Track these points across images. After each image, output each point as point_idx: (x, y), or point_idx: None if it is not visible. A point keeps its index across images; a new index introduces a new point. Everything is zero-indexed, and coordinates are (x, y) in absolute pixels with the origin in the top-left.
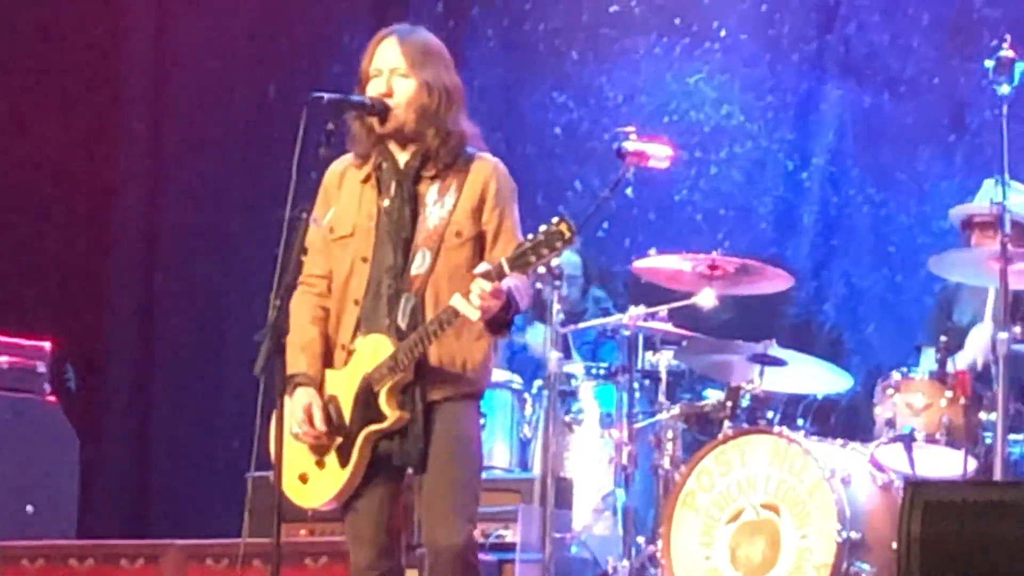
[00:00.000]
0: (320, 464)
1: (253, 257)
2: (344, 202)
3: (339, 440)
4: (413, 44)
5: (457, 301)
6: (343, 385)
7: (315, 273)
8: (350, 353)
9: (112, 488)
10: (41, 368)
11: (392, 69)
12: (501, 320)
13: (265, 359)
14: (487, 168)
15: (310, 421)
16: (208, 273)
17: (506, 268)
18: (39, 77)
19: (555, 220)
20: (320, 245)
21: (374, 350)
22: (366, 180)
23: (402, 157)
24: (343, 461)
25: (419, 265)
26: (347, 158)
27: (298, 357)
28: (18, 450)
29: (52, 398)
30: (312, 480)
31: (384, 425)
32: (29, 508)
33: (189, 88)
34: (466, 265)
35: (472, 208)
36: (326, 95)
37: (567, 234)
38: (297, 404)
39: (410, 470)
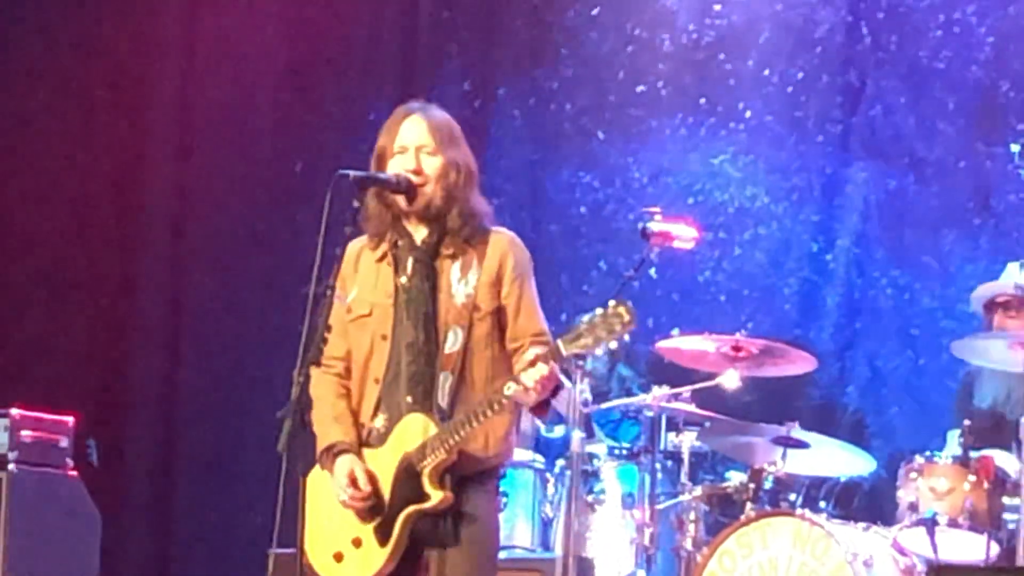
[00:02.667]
0: (357, 543)
1: (276, 334)
2: (361, 282)
3: (378, 519)
4: (439, 122)
5: (512, 390)
6: (381, 463)
7: (334, 355)
8: (371, 432)
9: (133, 564)
10: (64, 443)
11: (419, 147)
12: (544, 400)
13: (288, 435)
14: (503, 242)
15: (355, 484)
16: (231, 349)
17: (563, 350)
18: (66, 160)
19: (612, 303)
20: (338, 327)
21: (416, 429)
22: (382, 259)
23: (419, 234)
24: (382, 540)
25: (452, 344)
26: (362, 239)
27: (332, 427)
28: (40, 525)
29: (74, 473)
30: (348, 559)
31: (428, 505)
32: None
33: (214, 164)
34: (487, 340)
35: (490, 283)
36: (352, 172)
37: (626, 316)
38: (340, 471)
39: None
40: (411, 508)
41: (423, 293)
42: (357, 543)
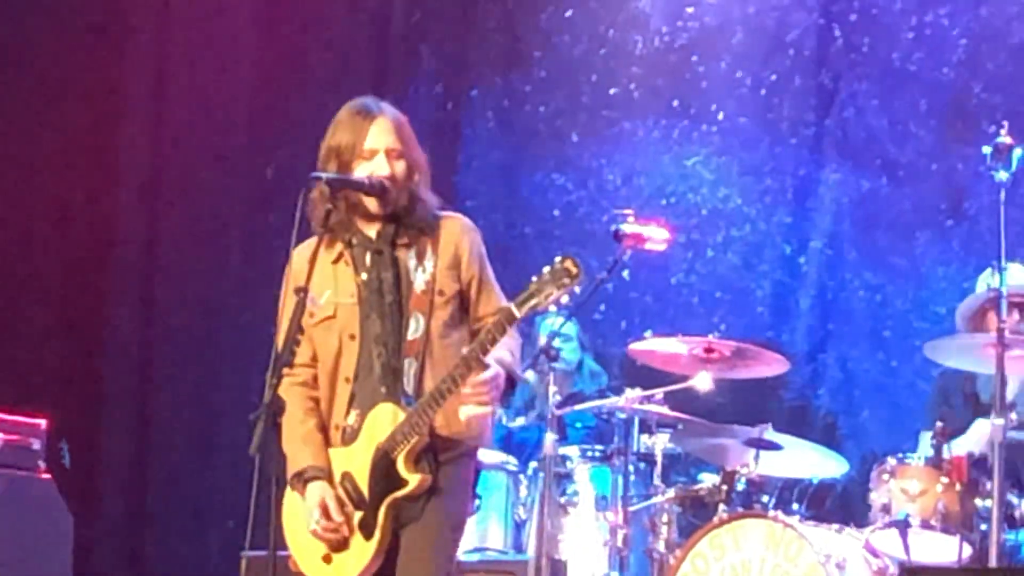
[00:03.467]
0: (344, 543)
1: (249, 336)
2: (320, 284)
3: (360, 515)
4: (402, 123)
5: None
6: (356, 460)
7: (300, 362)
8: (344, 431)
9: (106, 567)
10: (36, 445)
11: (388, 150)
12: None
13: (260, 438)
14: (457, 226)
15: (326, 515)
16: (204, 352)
17: (516, 312)
18: (38, 164)
19: (559, 258)
20: (305, 331)
21: (385, 419)
22: (338, 259)
23: (371, 230)
24: (367, 534)
25: (415, 330)
26: (310, 242)
27: (302, 451)
28: (12, 527)
29: (47, 475)
30: (337, 559)
31: (408, 490)
32: None
33: (186, 168)
34: (452, 323)
35: (448, 266)
36: (325, 175)
37: (573, 270)
38: (312, 500)
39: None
40: (390, 497)
41: (386, 283)
42: (344, 543)
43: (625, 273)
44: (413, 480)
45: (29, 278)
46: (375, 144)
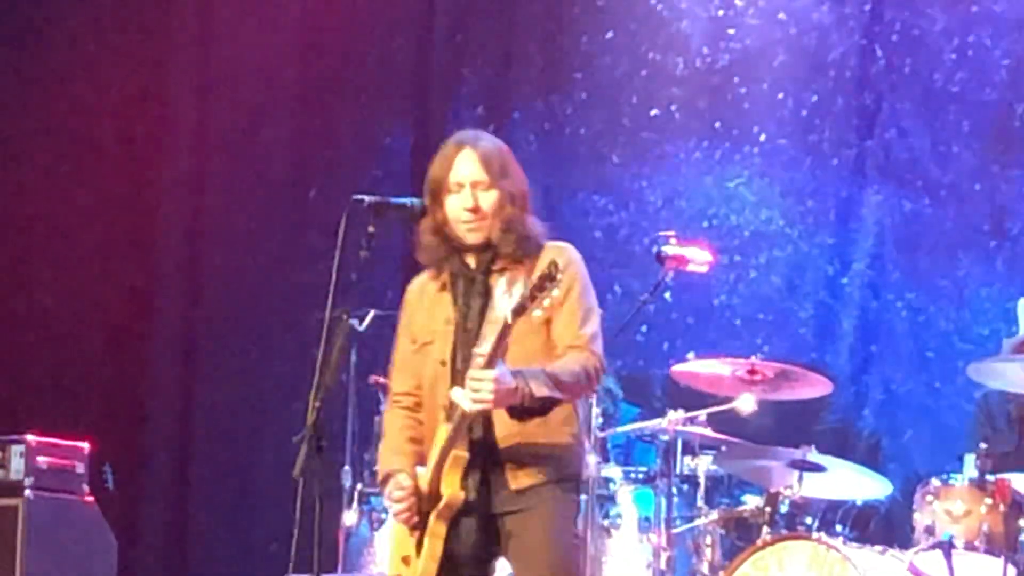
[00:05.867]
0: (418, 547)
1: (292, 358)
2: (424, 314)
3: (419, 532)
4: (491, 155)
5: (455, 393)
6: (424, 481)
7: (401, 391)
8: None
9: None
10: (80, 469)
11: (475, 183)
12: (520, 409)
13: (304, 461)
14: (556, 251)
15: (400, 487)
16: (247, 375)
17: (509, 318)
18: (81, 179)
19: (544, 265)
20: (406, 358)
21: (439, 441)
22: (442, 289)
23: (471, 259)
24: (418, 550)
25: (481, 349)
26: (423, 275)
27: (391, 459)
28: (56, 550)
29: (90, 499)
30: (412, 563)
31: (441, 504)
32: None
33: (229, 190)
34: (542, 351)
35: None
36: (367, 198)
37: (547, 270)
38: (389, 488)
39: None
40: (432, 512)
41: (473, 310)
42: (418, 548)
43: (667, 295)
44: (445, 494)
45: (73, 302)
46: (460, 177)
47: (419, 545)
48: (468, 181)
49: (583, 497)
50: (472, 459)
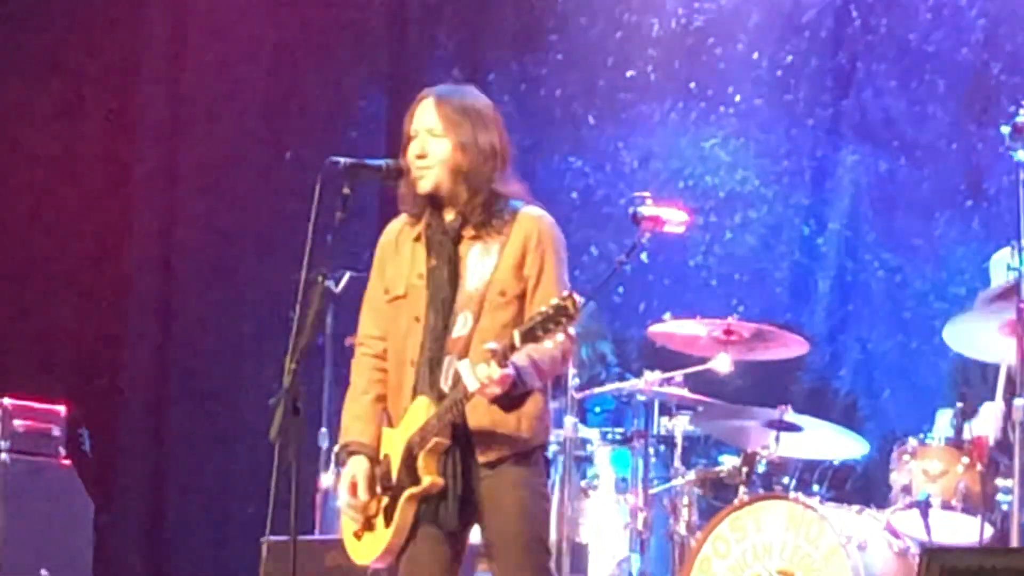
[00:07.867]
0: (387, 517)
1: (268, 321)
2: (399, 262)
3: (387, 500)
4: (449, 104)
5: (463, 366)
6: (394, 445)
7: (372, 334)
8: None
9: (126, 552)
10: (56, 431)
11: (428, 130)
12: (508, 397)
13: (280, 423)
14: (530, 221)
15: (353, 491)
16: (223, 336)
17: (517, 342)
18: (57, 148)
19: (564, 294)
20: (379, 305)
21: (420, 412)
22: (417, 239)
23: (447, 217)
24: (387, 521)
25: (460, 327)
26: (402, 218)
27: (351, 425)
28: (33, 513)
29: (67, 461)
30: (365, 537)
31: (419, 489)
32: (44, 572)
33: (205, 154)
34: (512, 324)
35: (515, 264)
36: (342, 160)
37: (571, 310)
38: (345, 475)
39: (480, 536)
40: (409, 491)
41: (442, 278)
42: (369, 523)
43: (643, 256)
44: (425, 481)
45: (49, 266)
46: (417, 125)
47: (388, 514)
48: (422, 129)
49: (558, 458)
50: (451, 444)
